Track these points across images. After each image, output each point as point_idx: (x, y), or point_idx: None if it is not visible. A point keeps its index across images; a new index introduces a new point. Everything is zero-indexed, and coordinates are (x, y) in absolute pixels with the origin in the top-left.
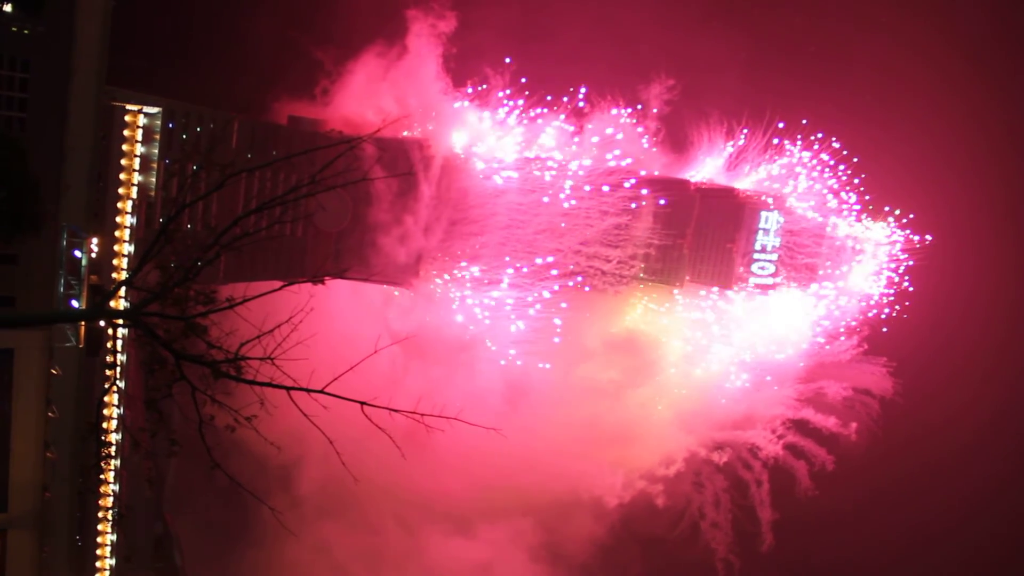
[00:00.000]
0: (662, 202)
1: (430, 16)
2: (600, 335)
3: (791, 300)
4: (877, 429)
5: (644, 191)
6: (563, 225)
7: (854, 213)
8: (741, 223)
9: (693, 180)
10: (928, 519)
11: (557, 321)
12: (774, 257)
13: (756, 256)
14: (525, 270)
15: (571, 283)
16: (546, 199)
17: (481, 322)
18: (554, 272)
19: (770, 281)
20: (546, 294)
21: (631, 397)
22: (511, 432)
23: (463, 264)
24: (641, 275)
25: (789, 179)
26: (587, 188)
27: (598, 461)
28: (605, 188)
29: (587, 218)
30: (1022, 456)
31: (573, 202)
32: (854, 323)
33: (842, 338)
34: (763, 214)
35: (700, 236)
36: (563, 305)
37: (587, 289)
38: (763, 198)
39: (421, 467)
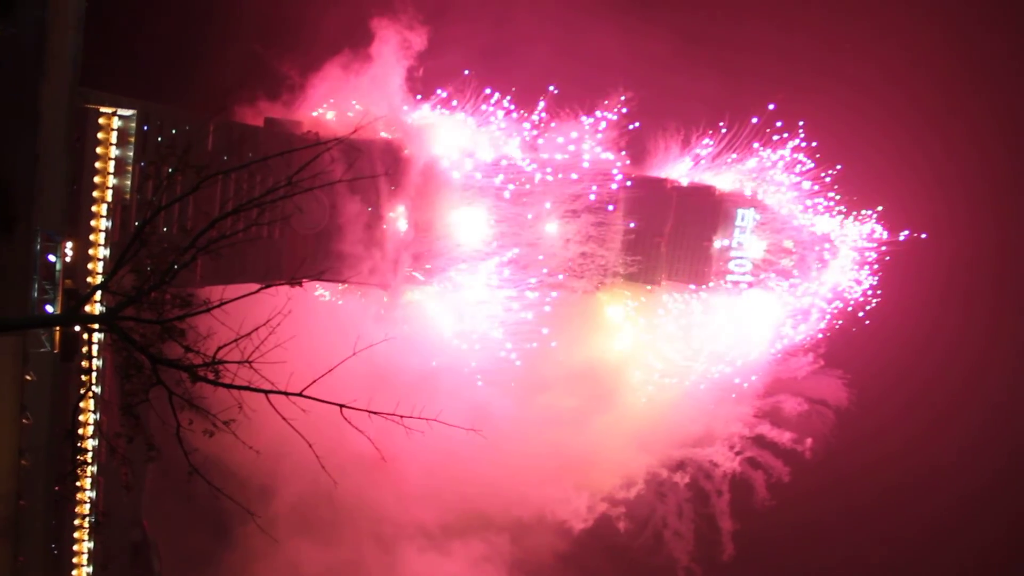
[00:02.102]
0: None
1: (399, 24)
2: (564, 362)
3: (766, 299)
4: (834, 441)
5: (611, 207)
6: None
7: (830, 211)
8: (718, 221)
9: (669, 179)
10: (903, 525)
11: (527, 316)
12: (751, 255)
13: (733, 254)
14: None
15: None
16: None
17: (451, 341)
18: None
19: (747, 279)
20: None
21: (593, 423)
22: (479, 455)
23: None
24: (620, 271)
25: (766, 176)
26: (575, 185)
27: (562, 485)
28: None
29: (551, 246)
30: (997, 466)
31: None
32: (823, 327)
33: (807, 350)
34: (740, 212)
35: (677, 234)
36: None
37: (545, 332)
38: (740, 196)
39: (390, 489)
